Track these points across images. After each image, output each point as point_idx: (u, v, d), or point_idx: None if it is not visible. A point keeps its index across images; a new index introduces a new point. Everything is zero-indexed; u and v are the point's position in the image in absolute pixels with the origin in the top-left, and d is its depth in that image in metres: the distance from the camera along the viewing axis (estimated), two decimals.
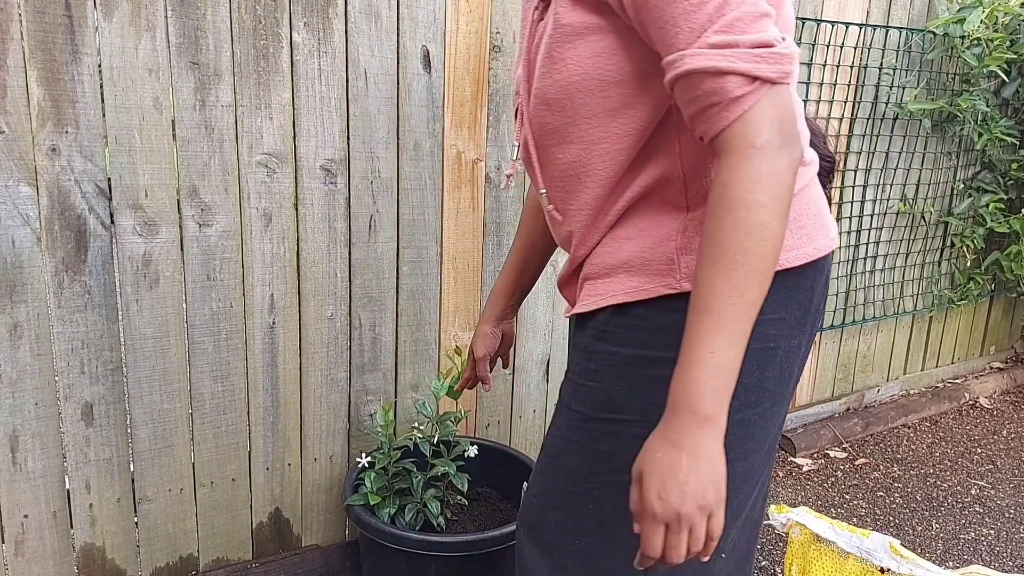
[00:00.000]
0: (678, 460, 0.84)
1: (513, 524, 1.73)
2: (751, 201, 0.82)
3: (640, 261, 0.99)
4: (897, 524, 2.50)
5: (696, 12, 0.82)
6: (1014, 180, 3.26)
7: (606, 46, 0.93)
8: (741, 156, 0.82)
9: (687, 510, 0.83)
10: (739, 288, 0.83)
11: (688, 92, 0.85)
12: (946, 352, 3.55)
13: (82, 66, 1.51)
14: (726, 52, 0.81)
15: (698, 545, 0.86)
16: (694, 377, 0.84)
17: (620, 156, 0.98)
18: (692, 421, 0.84)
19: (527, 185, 2.09)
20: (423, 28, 1.85)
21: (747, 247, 0.82)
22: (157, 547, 1.81)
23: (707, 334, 0.84)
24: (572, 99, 0.97)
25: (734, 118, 0.82)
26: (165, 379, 1.73)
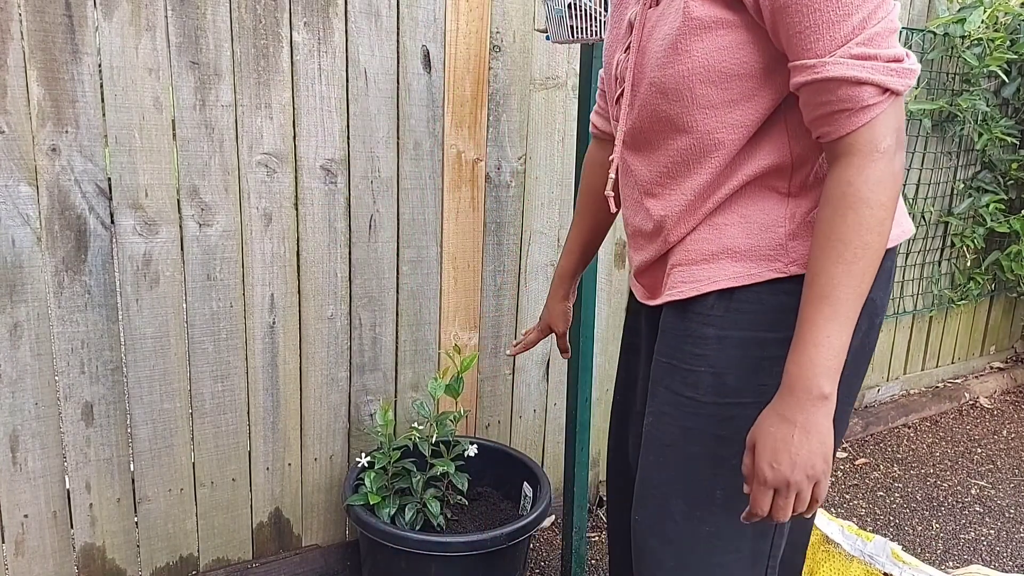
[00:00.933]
0: (790, 434, 0.93)
1: (513, 524, 1.73)
2: (874, 200, 0.90)
3: (745, 247, 1.04)
4: (897, 524, 2.50)
5: (841, 23, 0.88)
6: (1014, 180, 3.26)
7: (733, 40, 0.97)
8: (866, 159, 0.90)
9: (796, 478, 0.93)
10: (856, 279, 0.91)
11: (820, 96, 0.91)
12: (946, 352, 3.55)
13: (82, 66, 1.51)
14: (866, 64, 0.88)
15: (803, 507, 0.96)
16: (811, 359, 0.92)
17: (733, 147, 1.01)
18: (807, 399, 0.92)
19: (527, 185, 2.09)
20: (423, 28, 1.85)
21: (867, 242, 0.90)
22: (157, 547, 1.81)
23: (824, 321, 0.92)
24: (692, 90, 1.00)
25: (862, 124, 0.90)
26: (165, 379, 1.73)
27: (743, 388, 1.04)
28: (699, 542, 1.09)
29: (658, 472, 1.13)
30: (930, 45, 2.86)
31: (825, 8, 0.88)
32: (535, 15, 1.99)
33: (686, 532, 1.10)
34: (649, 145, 1.09)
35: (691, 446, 1.08)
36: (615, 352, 2.38)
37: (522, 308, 2.18)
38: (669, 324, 1.13)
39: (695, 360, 1.07)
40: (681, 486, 1.10)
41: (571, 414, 1.96)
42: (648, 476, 1.14)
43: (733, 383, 1.04)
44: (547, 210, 2.15)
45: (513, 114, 2.02)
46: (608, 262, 2.27)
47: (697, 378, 1.07)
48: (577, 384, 1.93)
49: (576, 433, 1.95)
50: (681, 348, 1.09)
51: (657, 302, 1.14)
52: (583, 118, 1.79)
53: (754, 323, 1.03)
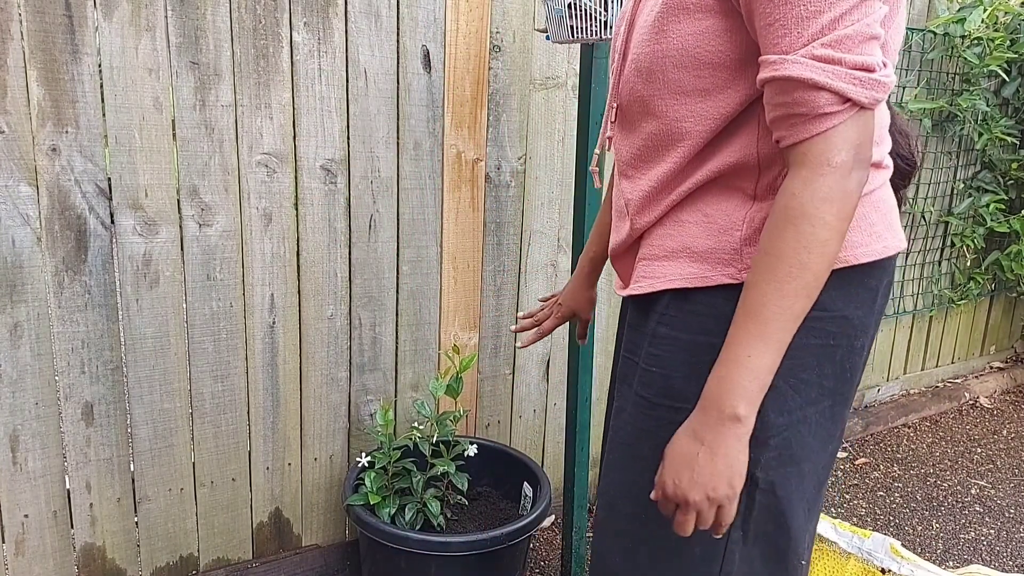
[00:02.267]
0: (695, 452, 0.89)
1: (513, 524, 1.73)
2: (817, 218, 0.83)
3: (703, 247, 0.99)
4: (897, 524, 2.50)
5: (809, 20, 0.82)
6: (1014, 180, 3.26)
7: (710, 26, 0.92)
8: (815, 171, 0.84)
9: (695, 498, 0.89)
10: (788, 299, 0.85)
11: (778, 96, 0.86)
12: (946, 352, 3.55)
13: (82, 66, 1.51)
14: (827, 67, 0.82)
15: (704, 526, 0.92)
16: (728, 377, 0.87)
17: (700, 138, 0.97)
18: (718, 419, 0.88)
19: (527, 186, 2.09)
20: (423, 28, 1.85)
21: (804, 261, 0.84)
22: (157, 547, 1.81)
23: (748, 338, 0.86)
24: (665, 73, 0.97)
25: (816, 132, 0.83)
26: (165, 379, 1.73)
27: (688, 393, 0.98)
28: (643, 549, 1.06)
29: (612, 471, 1.11)
30: (930, 45, 2.86)
31: (796, 2, 0.82)
32: (535, 15, 1.99)
33: (633, 535, 1.07)
34: (628, 125, 1.07)
35: (641, 447, 1.05)
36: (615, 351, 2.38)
37: (522, 308, 2.18)
38: (632, 319, 1.12)
39: (650, 359, 1.04)
40: (629, 487, 1.07)
41: (571, 414, 1.96)
42: (605, 474, 1.13)
43: (679, 387, 1.00)
44: (547, 210, 2.15)
45: (513, 114, 2.02)
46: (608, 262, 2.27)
47: (651, 378, 1.04)
48: (577, 384, 1.93)
49: (576, 433, 1.95)
50: (640, 344, 1.08)
51: (624, 293, 1.13)
52: (583, 118, 1.79)
53: (705, 327, 0.98)
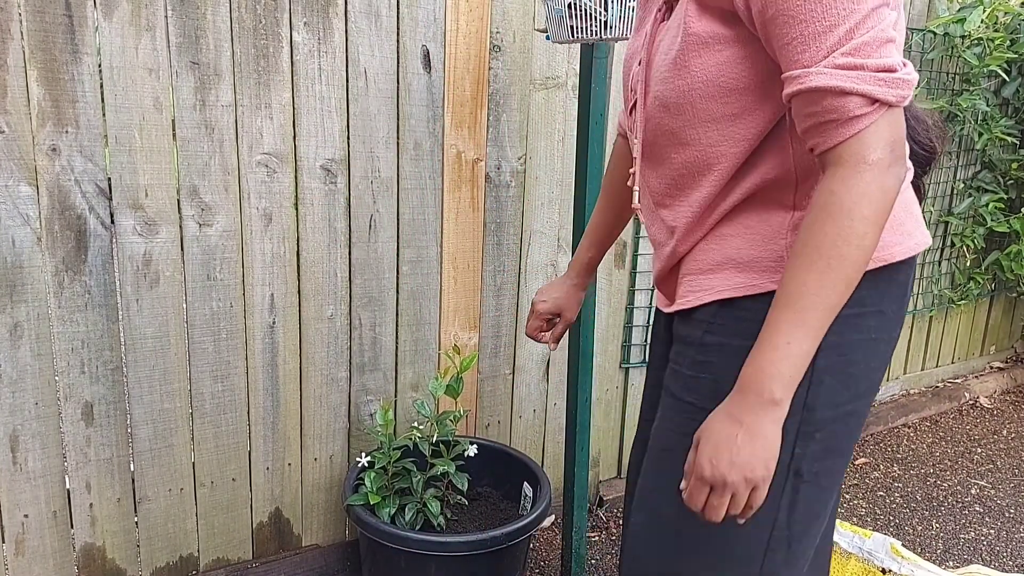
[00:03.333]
0: (735, 434, 0.92)
1: (513, 524, 1.73)
2: (856, 213, 0.87)
3: (748, 258, 1.03)
4: (897, 524, 2.50)
5: (827, 33, 0.86)
6: (1014, 180, 3.26)
7: (731, 55, 0.96)
8: (853, 170, 0.87)
9: (733, 479, 0.92)
10: (828, 289, 0.89)
11: (808, 107, 0.89)
12: (946, 352, 3.55)
13: (82, 66, 1.51)
14: (851, 74, 0.86)
15: (736, 511, 0.94)
16: (768, 362, 0.91)
17: (735, 159, 1.01)
18: (757, 402, 0.92)
19: (527, 185, 2.09)
20: (423, 28, 1.85)
21: (844, 254, 0.88)
22: (157, 547, 1.81)
23: (788, 327, 0.90)
24: (694, 104, 1.00)
25: (850, 135, 0.87)
26: (165, 379, 1.73)
27: None
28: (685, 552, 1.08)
29: (654, 477, 1.13)
30: (930, 45, 2.86)
31: (811, 19, 0.86)
32: (535, 15, 1.99)
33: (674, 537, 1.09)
34: (658, 157, 1.10)
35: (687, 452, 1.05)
36: (615, 352, 2.38)
37: (522, 308, 2.18)
38: (679, 331, 1.14)
39: (697, 367, 1.08)
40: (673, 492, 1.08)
41: (571, 414, 1.96)
42: (645, 480, 1.16)
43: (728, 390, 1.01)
44: (547, 210, 2.15)
45: (513, 114, 2.02)
46: (608, 262, 2.27)
47: (698, 384, 1.07)
48: (577, 384, 1.93)
49: (576, 433, 1.95)
50: (686, 354, 1.10)
51: (670, 310, 1.16)
52: (583, 118, 1.79)
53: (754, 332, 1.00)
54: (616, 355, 2.39)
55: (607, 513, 2.44)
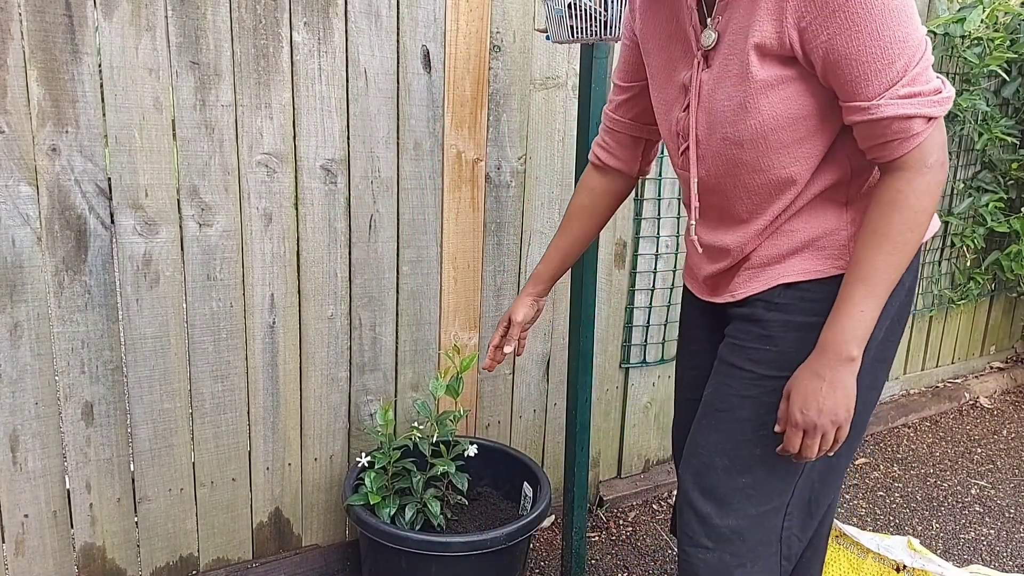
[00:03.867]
0: (819, 387, 1.13)
1: (513, 524, 1.73)
2: (918, 206, 1.08)
3: (813, 247, 1.21)
4: (897, 524, 2.50)
5: (887, 70, 1.04)
6: (1014, 180, 3.26)
7: (794, 91, 1.13)
8: (916, 172, 1.07)
9: (822, 422, 1.13)
10: (893, 268, 1.10)
11: (875, 131, 1.08)
12: (946, 352, 3.55)
13: (82, 66, 1.51)
14: (912, 101, 1.05)
15: (827, 447, 1.15)
16: (845, 327, 1.11)
17: (805, 175, 1.19)
18: (837, 360, 1.12)
19: (527, 185, 2.09)
20: (423, 28, 1.85)
21: (907, 239, 1.09)
22: (157, 547, 1.81)
23: (861, 298, 1.11)
24: (766, 138, 1.16)
25: (913, 147, 1.07)
26: (165, 379, 1.73)
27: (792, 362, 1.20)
28: (735, 493, 1.27)
29: (707, 434, 1.30)
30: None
31: (871, 59, 1.04)
32: (535, 15, 1.99)
33: (725, 484, 1.27)
34: (724, 186, 1.24)
35: (742, 411, 1.25)
36: (615, 352, 2.38)
37: None
38: (738, 312, 1.29)
39: (762, 340, 1.24)
40: (727, 445, 1.27)
41: (571, 414, 1.96)
42: (696, 437, 1.32)
43: (792, 359, 1.19)
44: (547, 210, 2.15)
45: (513, 114, 2.02)
46: (608, 262, 2.27)
47: (762, 355, 1.24)
48: (577, 384, 1.93)
49: (576, 433, 1.95)
50: (747, 330, 1.27)
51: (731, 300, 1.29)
52: (583, 118, 1.79)
53: (817, 310, 1.19)
54: (616, 355, 2.39)
55: (607, 513, 2.44)
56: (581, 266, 1.85)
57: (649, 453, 2.58)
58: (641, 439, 2.54)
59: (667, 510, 2.50)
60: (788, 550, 1.31)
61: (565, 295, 2.23)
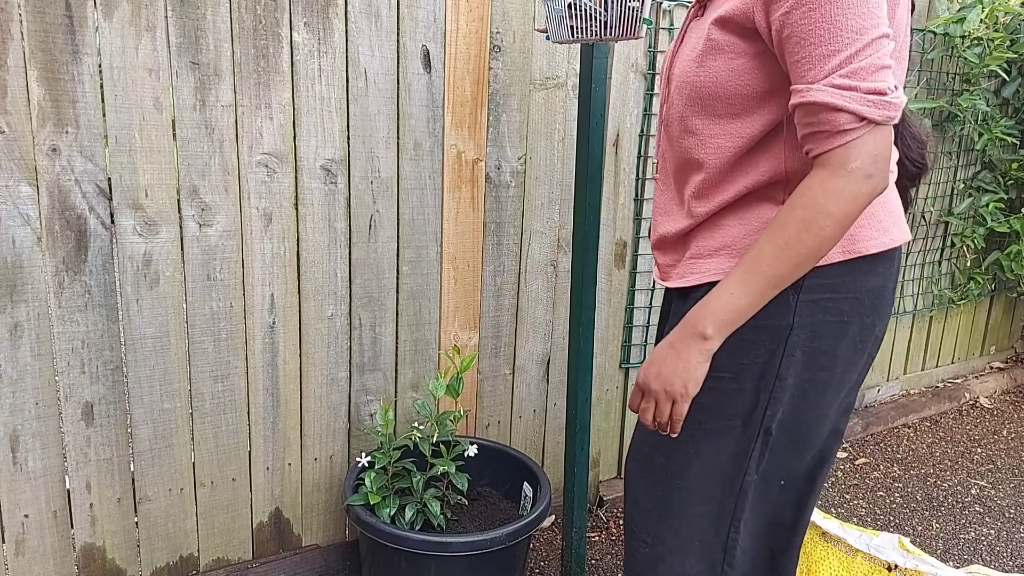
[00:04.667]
0: (665, 355, 1.13)
1: (513, 524, 1.73)
2: (822, 207, 1.03)
3: (741, 246, 1.19)
4: (897, 524, 2.50)
5: (830, 57, 1.01)
6: (1014, 180, 3.26)
7: (740, 64, 1.12)
8: (832, 173, 1.03)
9: (655, 387, 1.14)
10: (779, 262, 1.05)
11: (807, 117, 1.05)
12: (946, 352, 3.55)
13: (82, 66, 1.51)
14: (845, 93, 1.00)
15: (662, 418, 1.15)
16: (709, 305, 1.10)
17: (729, 152, 1.17)
18: (690, 333, 1.11)
19: (527, 185, 2.09)
20: (423, 28, 1.85)
21: (802, 238, 1.04)
22: (157, 547, 1.81)
23: (736, 282, 1.08)
24: (703, 99, 1.16)
25: (837, 145, 1.02)
26: (165, 379, 1.73)
27: (724, 364, 1.17)
28: (673, 492, 1.26)
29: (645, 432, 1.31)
30: (930, 45, 2.86)
31: (820, 42, 1.01)
32: (535, 15, 1.99)
33: (662, 482, 1.27)
34: (671, 137, 1.27)
35: None
36: (615, 352, 2.38)
37: (522, 308, 2.18)
38: (676, 308, 1.32)
39: None
40: (663, 442, 1.25)
41: (571, 414, 1.96)
42: (636, 434, 1.34)
43: (717, 360, 1.15)
44: (547, 210, 2.15)
45: (513, 114, 2.02)
46: (608, 262, 2.27)
47: None
48: (577, 384, 1.93)
49: (576, 433, 1.95)
50: None
51: (666, 285, 1.33)
52: (583, 118, 1.79)
53: None
54: (616, 355, 2.39)
55: (607, 513, 2.44)
56: (581, 266, 1.86)
57: None
58: None
59: None
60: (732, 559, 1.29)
61: (565, 295, 2.23)
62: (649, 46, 2.18)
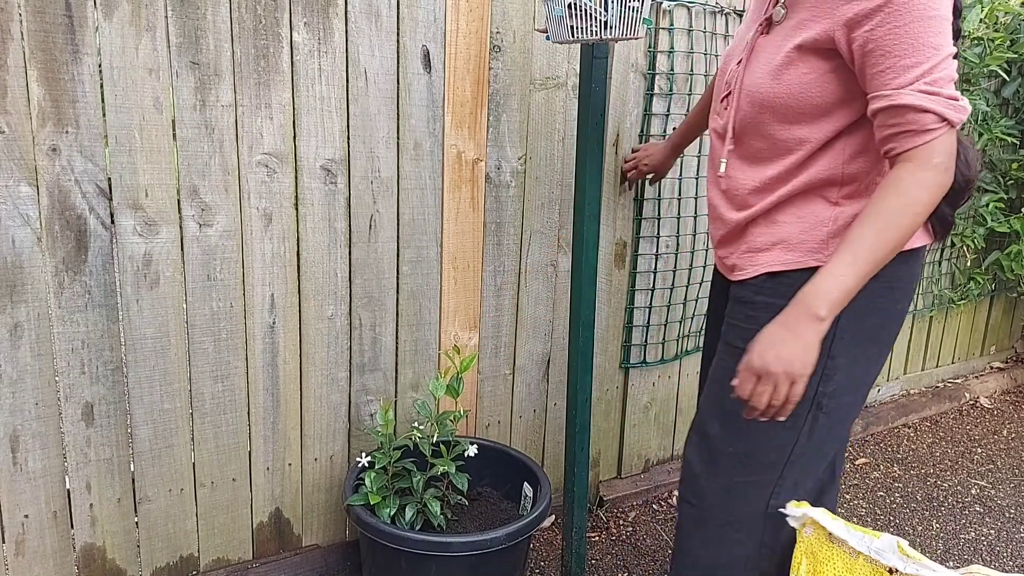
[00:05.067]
0: (781, 337, 1.21)
1: (513, 524, 1.73)
2: (915, 195, 1.18)
3: (796, 240, 1.35)
4: (897, 524, 2.50)
5: (913, 68, 1.17)
6: (1014, 180, 3.26)
7: (812, 79, 1.27)
8: (920, 167, 1.18)
9: (775, 370, 1.20)
10: (879, 244, 1.18)
11: (893, 119, 1.19)
12: (946, 352, 3.55)
13: (82, 66, 1.51)
14: (931, 97, 1.17)
15: (779, 400, 1.22)
16: (820, 286, 1.20)
17: (795, 155, 1.33)
18: (805, 315, 1.20)
19: (527, 186, 2.09)
20: (423, 28, 1.85)
21: (899, 222, 1.18)
22: (157, 547, 1.81)
23: (842, 264, 1.19)
24: (775, 108, 1.32)
25: (922, 142, 1.17)
26: (165, 379, 1.73)
27: None
28: (723, 457, 1.40)
29: (704, 402, 1.47)
30: None
31: (903, 55, 1.17)
32: (535, 15, 1.99)
33: (717, 449, 1.41)
34: (739, 140, 1.41)
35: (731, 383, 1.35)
36: (615, 352, 2.38)
37: (522, 308, 2.18)
38: (735, 293, 1.47)
39: (748, 320, 1.40)
40: (718, 412, 1.41)
41: (571, 414, 1.96)
42: (699, 406, 1.51)
43: None
44: (547, 210, 2.15)
45: (513, 114, 2.02)
46: (608, 262, 2.27)
47: (747, 334, 1.36)
48: (577, 384, 1.93)
49: (576, 433, 1.95)
50: (740, 311, 1.43)
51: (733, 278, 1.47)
52: (583, 118, 1.79)
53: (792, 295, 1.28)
54: (616, 355, 2.39)
55: (607, 513, 2.44)
56: (581, 266, 1.86)
57: (649, 453, 2.58)
58: (641, 439, 2.53)
59: (667, 510, 2.51)
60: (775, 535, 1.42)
61: (565, 295, 2.23)
62: (649, 46, 2.18)
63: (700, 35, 2.25)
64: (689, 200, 2.37)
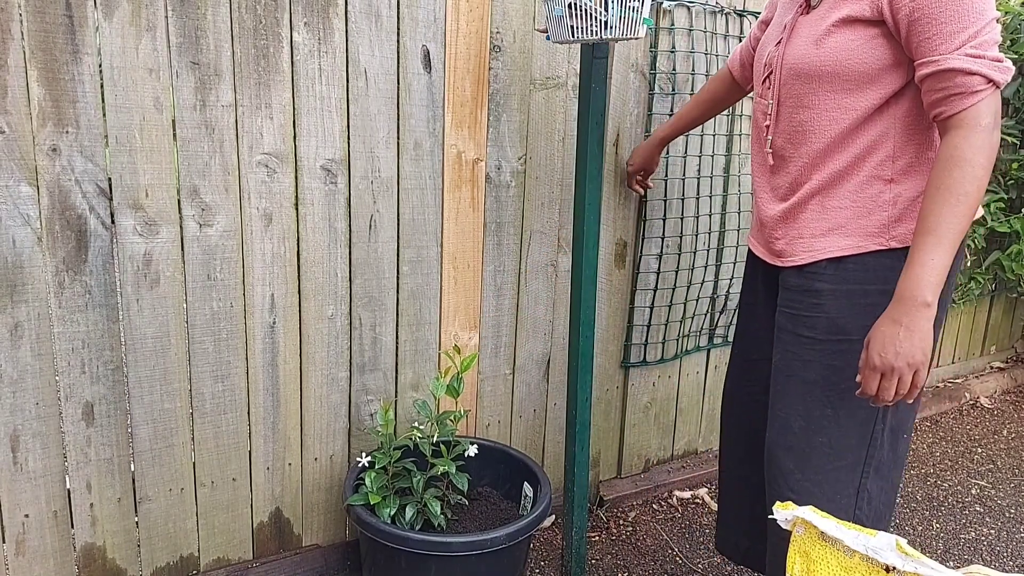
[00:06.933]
0: (896, 332, 1.24)
1: (513, 524, 1.73)
2: (975, 161, 1.21)
3: (855, 226, 1.38)
4: (897, 524, 2.50)
5: (959, 33, 1.22)
6: (1014, 180, 3.26)
7: (856, 45, 1.31)
8: (971, 130, 1.21)
9: (899, 364, 1.24)
10: (957, 219, 1.22)
11: (940, 82, 1.23)
12: (946, 352, 3.55)
13: (82, 66, 1.51)
14: (977, 60, 1.21)
15: (904, 390, 1.26)
16: (918, 275, 1.23)
17: (841, 124, 1.35)
18: (912, 306, 1.23)
19: (527, 186, 2.09)
20: (423, 28, 1.85)
21: (968, 191, 1.21)
22: (158, 547, 1.81)
23: (930, 248, 1.22)
24: (820, 76, 1.35)
25: (970, 104, 1.22)
26: (165, 379, 1.73)
27: (851, 327, 1.38)
28: (813, 450, 1.42)
29: (782, 398, 1.47)
30: None
31: (949, 20, 1.21)
32: (535, 15, 1.99)
33: (803, 442, 1.43)
34: (784, 116, 1.44)
35: (809, 374, 1.42)
36: (615, 352, 2.38)
37: (522, 308, 2.18)
38: (790, 281, 1.48)
39: (813, 308, 1.41)
40: (800, 407, 1.43)
41: (571, 414, 1.96)
42: (775, 402, 1.50)
43: (844, 324, 1.37)
44: (547, 210, 2.15)
45: (513, 114, 2.02)
46: (608, 262, 2.27)
47: (815, 322, 1.41)
48: (577, 384, 1.93)
49: (576, 433, 1.95)
50: (800, 299, 1.44)
51: (781, 264, 1.48)
52: (583, 118, 1.79)
53: (859, 279, 1.36)
54: (616, 355, 2.39)
55: (607, 513, 2.44)
56: (581, 266, 1.86)
57: (649, 453, 2.58)
58: (641, 439, 2.54)
59: (667, 510, 2.51)
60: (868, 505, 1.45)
61: (565, 295, 2.23)
62: (649, 46, 2.18)
63: (700, 35, 2.25)
64: (690, 200, 2.37)
